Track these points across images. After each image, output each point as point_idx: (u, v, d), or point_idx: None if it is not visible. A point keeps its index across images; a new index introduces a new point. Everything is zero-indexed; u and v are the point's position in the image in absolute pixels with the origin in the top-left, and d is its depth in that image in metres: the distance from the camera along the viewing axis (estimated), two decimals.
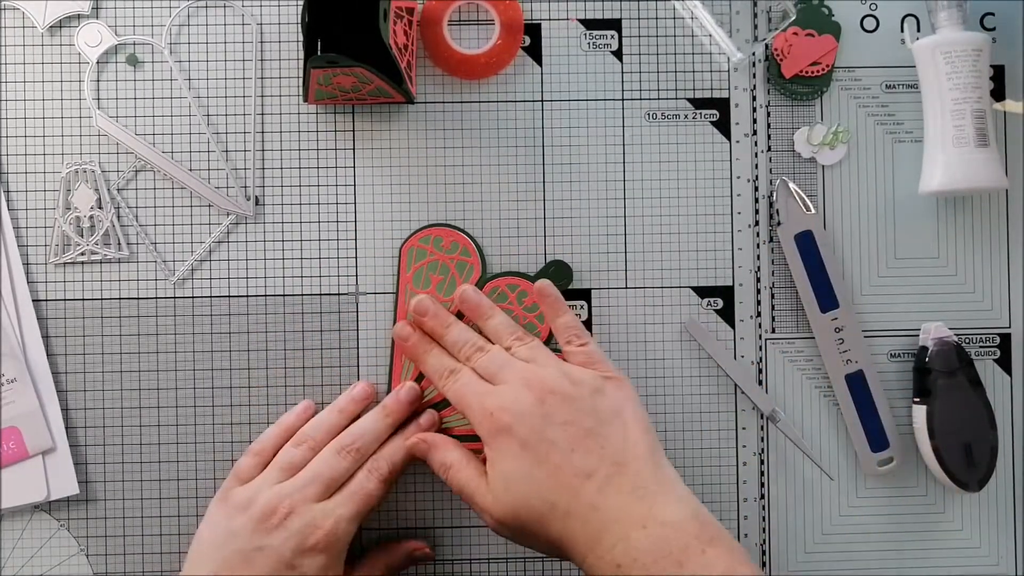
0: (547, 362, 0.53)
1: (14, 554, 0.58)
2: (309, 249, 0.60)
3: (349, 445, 0.54)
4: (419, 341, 0.57)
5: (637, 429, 0.50)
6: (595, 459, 0.48)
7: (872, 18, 0.61)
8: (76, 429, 0.59)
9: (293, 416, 0.57)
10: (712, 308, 0.61)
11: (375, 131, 0.60)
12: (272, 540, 0.51)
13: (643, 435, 0.50)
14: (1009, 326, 0.61)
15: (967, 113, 0.57)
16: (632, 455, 0.49)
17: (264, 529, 0.51)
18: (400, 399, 0.57)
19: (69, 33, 0.59)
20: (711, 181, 0.61)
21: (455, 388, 0.53)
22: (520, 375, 0.51)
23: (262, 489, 0.53)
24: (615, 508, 0.47)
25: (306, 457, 0.54)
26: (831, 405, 0.61)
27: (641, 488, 0.48)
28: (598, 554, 0.46)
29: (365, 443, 0.55)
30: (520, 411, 0.50)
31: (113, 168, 0.59)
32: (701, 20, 0.60)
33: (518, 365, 0.53)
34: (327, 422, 0.56)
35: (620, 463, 0.48)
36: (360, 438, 0.55)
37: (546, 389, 0.50)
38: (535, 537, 0.49)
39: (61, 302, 0.59)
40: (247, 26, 0.60)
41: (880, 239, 0.61)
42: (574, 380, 0.51)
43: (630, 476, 0.48)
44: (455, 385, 0.53)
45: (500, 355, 0.54)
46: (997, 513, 0.61)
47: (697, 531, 0.46)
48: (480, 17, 0.60)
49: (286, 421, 0.57)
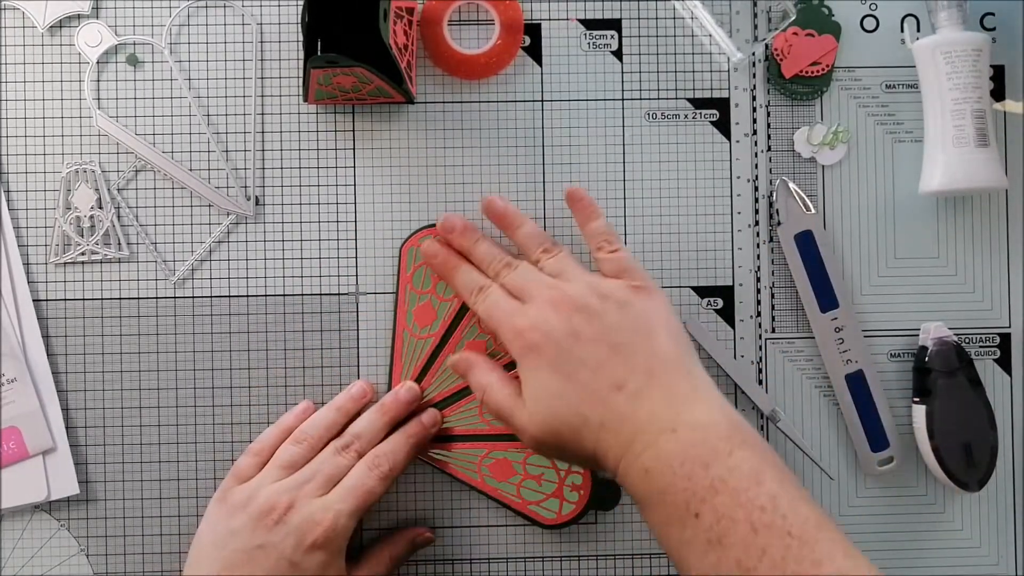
0: (574, 276, 0.52)
1: (14, 554, 0.58)
2: (309, 249, 0.60)
3: (348, 445, 0.55)
4: (448, 257, 0.56)
5: (667, 338, 0.50)
6: (625, 371, 0.48)
7: (872, 18, 0.61)
8: (76, 429, 0.59)
9: (292, 417, 0.57)
10: (712, 308, 0.61)
11: (375, 131, 0.60)
12: (272, 537, 0.51)
13: (673, 344, 0.49)
14: (1009, 326, 0.61)
15: (967, 113, 0.57)
16: (662, 364, 0.48)
17: (264, 526, 0.51)
18: (399, 399, 0.57)
19: (69, 33, 0.59)
20: (711, 181, 0.61)
21: (485, 307, 0.53)
22: (547, 293, 0.51)
23: (261, 487, 0.53)
24: (645, 416, 0.47)
25: (305, 455, 0.55)
26: (831, 405, 0.61)
27: (671, 395, 0.47)
28: (628, 460, 0.46)
29: (363, 443, 0.55)
30: (548, 330, 0.50)
31: (113, 168, 0.59)
32: (701, 20, 0.60)
33: (546, 282, 0.52)
34: (325, 420, 0.56)
35: (650, 372, 0.48)
36: (358, 438, 0.55)
37: (573, 307, 0.50)
38: (572, 452, 0.49)
39: (61, 302, 0.59)
40: (247, 26, 0.60)
41: (880, 239, 0.61)
42: (601, 294, 0.51)
43: (660, 384, 0.48)
44: (485, 304, 0.53)
45: (528, 271, 0.54)
46: (997, 513, 0.61)
47: (727, 433, 0.46)
48: (480, 17, 0.60)
49: (285, 422, 0.57)
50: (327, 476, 0.53)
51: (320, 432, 0.56)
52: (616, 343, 0.49)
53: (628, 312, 0.50)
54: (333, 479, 0.53)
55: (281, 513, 0.51)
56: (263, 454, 0.56)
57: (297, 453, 0.55)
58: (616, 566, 0.60)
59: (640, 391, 0.48)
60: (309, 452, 0.55)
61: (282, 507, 0.51)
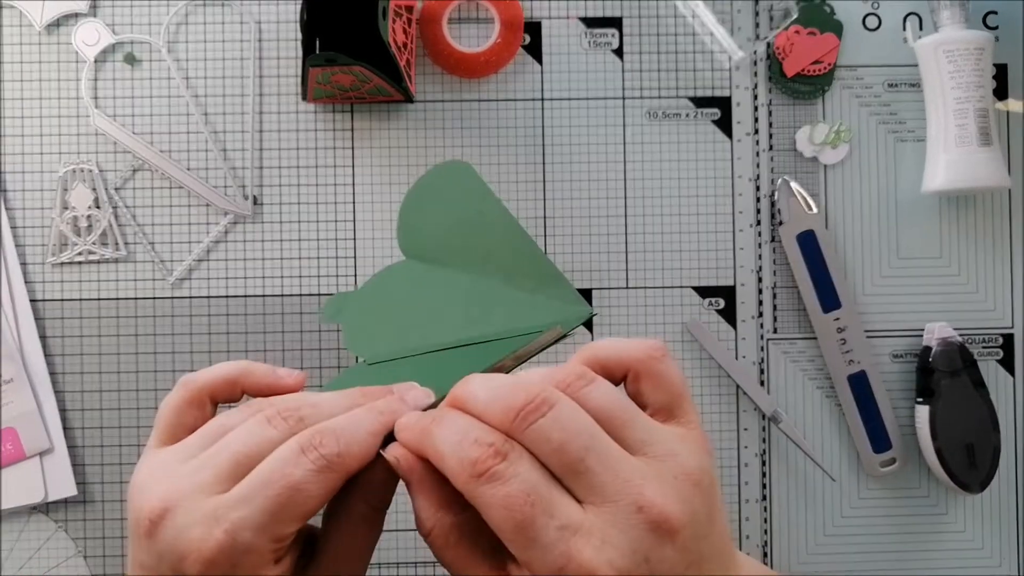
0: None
1: (12, 555, 0.58)
2: (308, 249, 0.59)
3: (289, 411, 0.34)
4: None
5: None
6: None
7: (874, 16, 0.61)
8: (74, 430, 0.58)
9: (280, 373, 0.39)
10: (713, 308, 0.60)
11: (374, 130, 0.60)
12: (146, 557, 0.33)
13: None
14: (1012, 326, 0.61)
15: (970, 112, 0.57)
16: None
17: (138, 537, 0.33)
18: (391, 389, 0.37)
19: (67, 32, 0.59)
20: (712, 180, 0.60)
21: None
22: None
23: (155, 468, 0.34)
24: None
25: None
26: (833, 406, 0.60)
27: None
28: None
29: (312, 414, 0.34)
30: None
31: (111, 167, 0.59)
32: (702, 18, 0.60)
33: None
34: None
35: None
36: (312, 407, 0.34)
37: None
38: None
39: (58, 302, 0.58)
40: (245, 24, 0.59)
41: (882, 239, 0.61)
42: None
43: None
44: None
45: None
46: (999, 514, 0.61)
47: None
48: (480, 15, 0.60)
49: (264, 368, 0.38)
50: (235, 459, 0.33)
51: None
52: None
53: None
54: (244, 464, 0.33)
55: (153, 520, 0.32)
56: (203, 399, 0.37)
57: (235, 421, 0.35)
58: None
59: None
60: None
61: (154, 510, 0.32)
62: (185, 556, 0.31)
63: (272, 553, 0.32)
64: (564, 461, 0.30)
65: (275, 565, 0.32)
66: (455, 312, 0.42)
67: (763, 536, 0.60)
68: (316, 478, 0.32)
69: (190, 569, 0.31)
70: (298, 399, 0.35)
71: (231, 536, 0.31)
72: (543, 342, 0.41)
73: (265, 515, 0.31)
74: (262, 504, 0.31)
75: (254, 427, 0.33)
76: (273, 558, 0.32)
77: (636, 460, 0.31)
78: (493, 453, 0.30)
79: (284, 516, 0.32)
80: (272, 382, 0.38)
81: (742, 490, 0.60)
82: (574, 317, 0.41)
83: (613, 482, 0.30)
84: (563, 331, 0.40)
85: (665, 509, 0.29)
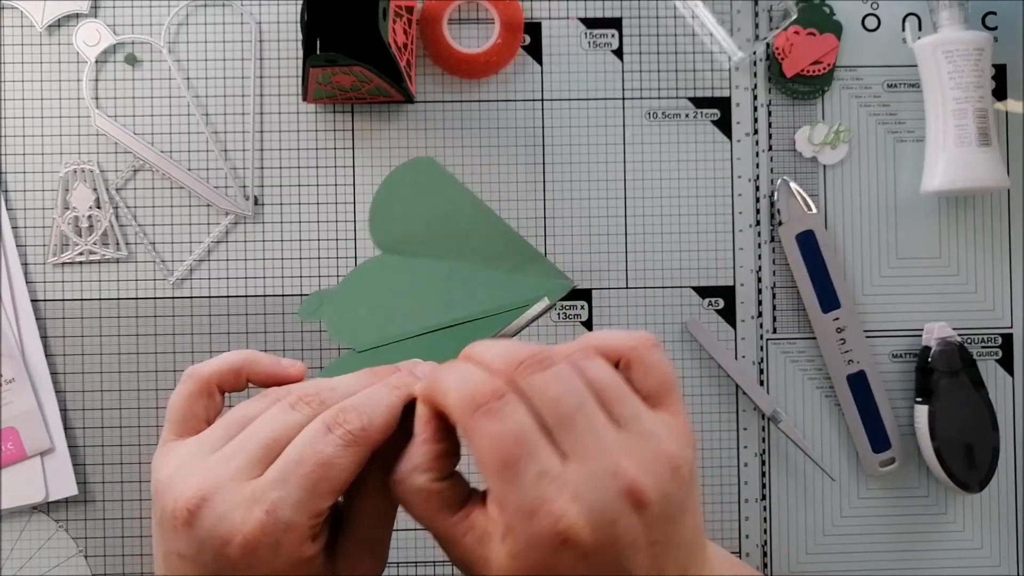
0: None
1: (12, 555, 0.58)
2: (308, 249, 0.59)
3: (310, 396, 0.36)
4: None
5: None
6: None
7: (873, 17, 0.61)
8: (75, 430, 0.58)
9: (284, 363, 0.40)
10: (713, 308, 0.60)
11: (374, 130, 0.60)
12: (186, 548, 0.34)
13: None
14: (1011, 326, 0.61)
15: (969, 112, 0.57)
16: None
17: (173, 529, 0.34)
18: (400, 367, 0.38)
19: (68, 32, 0.59)
20: (712, 180, 0.60)
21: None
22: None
23: (182, 462, 0.35)
24: None
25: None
26: (832, 405, 0.61)
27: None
28: None
29: (332, 396, 0.36)
30: None
31: (111, 168, 0.59)
32: (702, 19, 0.60)
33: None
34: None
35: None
36: (329, 390, 0.36)
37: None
38: None
39: (59, 302, 0.59)
40: (246, 25, 0.60)
41: (882, 239, 0.61)
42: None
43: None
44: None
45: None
46: (998, 514, 0.61)
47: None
48: (480, 16, 0.60)
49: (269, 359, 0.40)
50: (264, 444, 0.34)
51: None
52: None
53: None
54: (274, 449, 0.34)
55: (191, 510, 0.33)
56: (208, 388, 0.38)
57: (256, 410, 0.36)
58: None
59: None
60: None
61: (192, 500, 0.33)
62: (228, 540, 0.32)
63: (310, 529, 0.33)
64: (556, 413, 0.32)
65: (313, 542, 0.34)
66: (437, 297, 0.43)
67: (762, 536, 0.60)
68: (345, 452, 0.33)
69: (234, 552, 0.32)
70: (316, 384, 0.36)
71: (272, 515, 0.32)
72: (531, 316, 0.41)
73: (302, 492, 0.33)
74: (298, 482, 0.33)
75: (278, 413, 0.35)
76: (311, 535, 0.34)
77: (620, 433, 0.32)
78: (492, 391, 0.31)
79: (319, 491, 0.33)
80: (276, 371, 0.39)
81: (741, 490, 0.60)
82: (557, 289, 0.42)
83: (595, 444, 0.31)
84: (550, 302, 0.41)
85: (637, 480, 0.31)
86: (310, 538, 0.34)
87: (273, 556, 0.33)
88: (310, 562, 0.34)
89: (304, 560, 0.33)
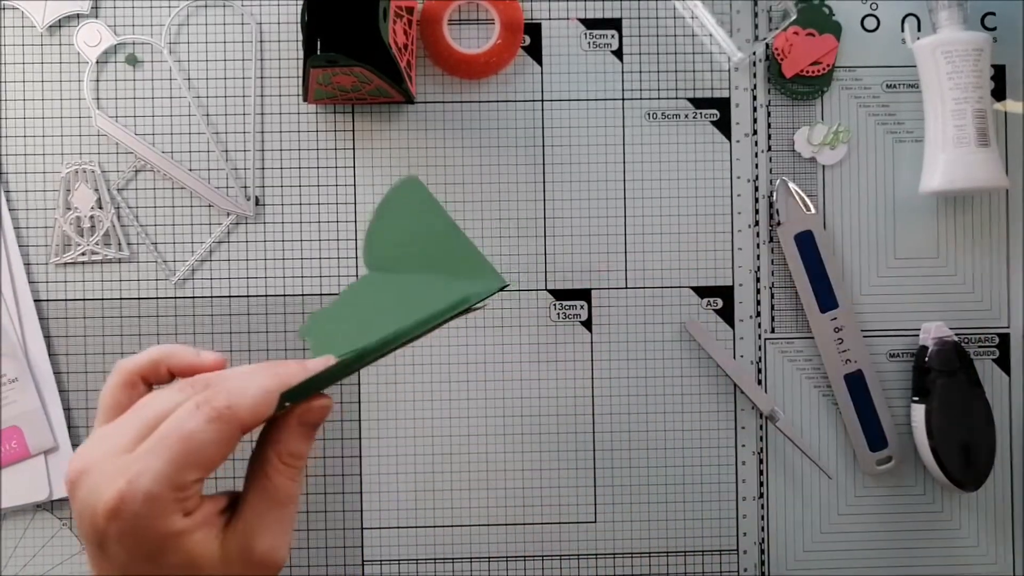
0: None
1: (16, 553, 0.58)
2: (309, 249, 0.60)
3: (199, 381, 0.37)
4: None
5: None
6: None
7: (873, 18, 0.61)
8: (78, 428, 0.59)
9: (203, 355, 0.41)
10: (712, 308, 0.61)
11: (375, 131, 0.60)
12: (74, 517, 0.36)
13: None
14: (1008, 326, 0.61)
15: (968, 113, 0.57)
16: None
17: (70, 496, 0.36)
18: (306, 364, 0.39)
19: (68, 33, 0.59)
20: (711, 181, 0.61)
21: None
22: None
23: (90, 442, 0.37)
24: None
25: None
26: (830, 405, 0.61)
27: None
28: None
29: (221, 380, 0.37)
30: None
31: (113, 168, 0.59)
32: (701, 19, 0.60)
33: None
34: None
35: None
36: (221, 377, 0.37)
37: None
38: None
39: (62, 302, 0.59)
40: (247, 26, 0.60)
41: (880, 239, 0.61)
42: None
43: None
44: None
45: None
46: (995, 513, 0.62)
47: None
48: (480, 16, 0.60)
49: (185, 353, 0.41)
50: (144, 423, 0.36)
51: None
52: None
53: None
54: (152, 426, 0.36)
55: (72, 481, 0.36)
56: (135, 380, 0.39)
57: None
58: (615, 565, 0.60)
59: None
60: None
61: (74, 472, 0.36)
62: (95, 509, 0.34)
63: (176, 503, 0.35)
64: None
65: (184, 517, 0.35)
66: (395, 307, 0.44)
67: (760, 534, 0.61)
68: (207, 427, 0.35)
69: (100, 522, 0.34)
70: (213, 374, 0.38)
71: (132, 485, 0.34)
72: (444, 318, 0.42)
73: (163, 463, 0.34)
74: (160, 453, 0.34)
75: (165, 395, 0.37)
76: (179, 509, 0.35)
77: None
78: None
79: (181, 465, 0.35)
80: (194, 363, 0.40)
81: (739, 488, 0.61)
82: (484, 289, 0.42)
83: None
84: (470, 304, 0.42)
85: None
86: (180, 512, 0.35)
87: (138, 524, 0.34)
88: (185, 536, 0.35)
89: (176, 533, 0.35)
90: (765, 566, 0.61)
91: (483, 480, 0.60)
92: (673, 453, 0.60)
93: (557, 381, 0.60)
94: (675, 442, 0.60)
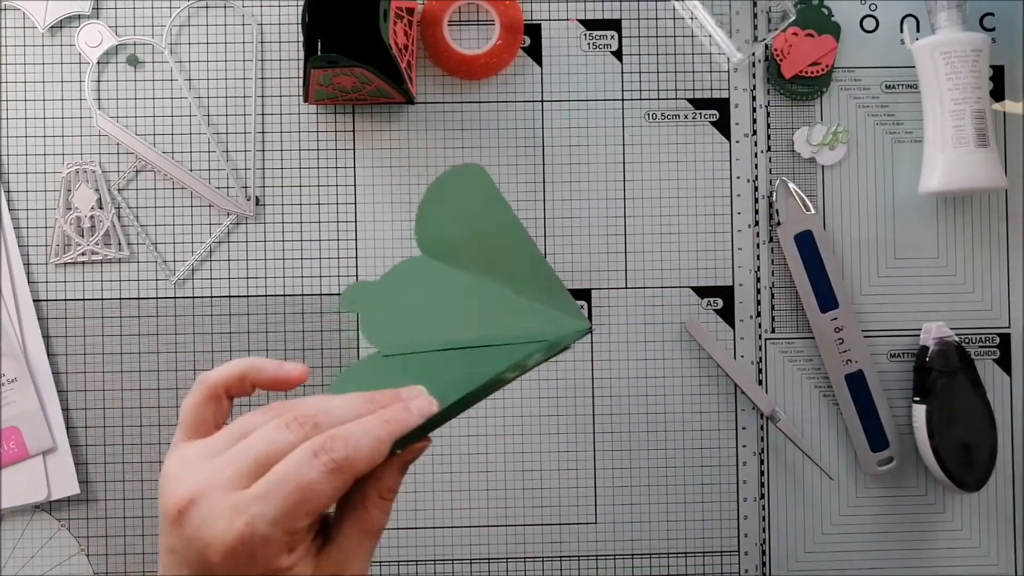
0: None
1: (15, 554, 0.58)
2: (309, 249, 0.60)
3: (306, 417, 0.37)
4: None
5: None
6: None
7: (872, 18, 0.61)
8: (77, 429, 0.59)
9: (286, 367, 0.41)
10: (712, 308, 0.61)
11: (375, 131, 0.60)
12: (175, 542, 0.36)
13: None
14: (1009, 326, 0.61)
15: (967, 113, 0.57)
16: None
17: (168, 522, 0.36)
18: (411, 408, 0.39)
19: (69, 33, 0.59)
20: (711, 181, 0.61)
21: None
22: None
23: (185, 462, 0.37)
24: None
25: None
26: (831, 405, 0.61)
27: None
28: None
29: (326, 420, 0.38)
30: None
31: (113, 168, 0.59)
32: (701, 20, 0.60)
33: None
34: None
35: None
36: (326, 415, 0.38)
37: None
38: None
39: (62, 302, 0.59)
40: (247, 26, 0.60)
41: (880, 239, 0.61)
42: None
43: None
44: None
45: None
46: (996, 513, 0.61)
47: None
48: (480, 17, 0.60)
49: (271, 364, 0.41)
50: (255, 458, 0.36)
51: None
52: None
53: None
54: (264, 464, 0.36)
55: (181, 510, 0.36)
56: (219, 394, 0.40)
57: (257, 423, 0.38)
58: (616, 566, 0.60)
59: None
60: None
61: (182, 500, 0.36)
62: (209, 544, 0.35)
63: (286, 544, 0.36)
64: None
65: (289, 555, 0.36)
66: (457, 310, 0.43)
67: (761, 534, 0.61)
68: (326, 479, 0.36)
69: (214, 556, 0.35)
70: (314, 406, 0.38)
71: (250, 528, 0.35)
72: (541, 359, 0.41)
73: (280, 511, 0.35)
74: (278, 501, 0.35)
75: (273, 431, 0.37)
76: (287, 548, 0.36)
77: None
78: None
79: (297, 512, 0.35)
80: (279, 375, 0.41)
81: (740, 489, 0.60)
82: (572, 331, 0.42)
83: None
84: (565, 345, 0.41)
85: None
86: (287, 550, 0.36)
87: (250, 564, 0.35)
88: (287, 570, 0.36)
89: (280, 569, 0.36)
90: (766, 567, 0.61)
91: (483, 481, 0.60)
92: (674, 454, 0.60)
93: (557, 381, 0.60)
94: (675, 443, 0.60)
